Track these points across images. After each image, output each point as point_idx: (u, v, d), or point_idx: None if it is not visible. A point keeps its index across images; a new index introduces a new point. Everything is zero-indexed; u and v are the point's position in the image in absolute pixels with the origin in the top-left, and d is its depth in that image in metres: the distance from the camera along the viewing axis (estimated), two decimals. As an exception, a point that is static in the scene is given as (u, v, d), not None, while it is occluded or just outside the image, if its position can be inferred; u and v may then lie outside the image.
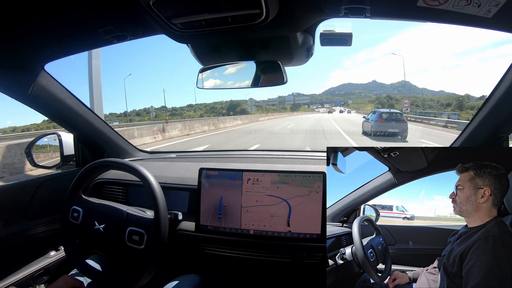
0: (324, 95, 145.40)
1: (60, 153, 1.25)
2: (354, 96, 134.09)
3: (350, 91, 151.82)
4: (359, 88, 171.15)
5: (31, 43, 0.82)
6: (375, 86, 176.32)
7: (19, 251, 1.06)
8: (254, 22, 0.67)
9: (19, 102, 1.00)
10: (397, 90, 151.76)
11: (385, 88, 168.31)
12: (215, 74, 0.93)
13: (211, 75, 0.93)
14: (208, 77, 0.93)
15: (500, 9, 0.56)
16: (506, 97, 0.79)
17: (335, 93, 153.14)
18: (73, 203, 0.94)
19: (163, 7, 0.63)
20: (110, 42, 0.84)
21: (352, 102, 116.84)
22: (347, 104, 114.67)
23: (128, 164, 0.90)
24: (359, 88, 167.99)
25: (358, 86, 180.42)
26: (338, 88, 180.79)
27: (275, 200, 0.90)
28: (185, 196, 1.10)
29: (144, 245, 0.84)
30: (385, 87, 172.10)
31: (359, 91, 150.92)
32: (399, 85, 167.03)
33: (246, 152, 1.48)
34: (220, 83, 0.93)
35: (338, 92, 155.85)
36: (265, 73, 0.87)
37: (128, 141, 1.46)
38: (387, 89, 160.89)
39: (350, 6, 0.64)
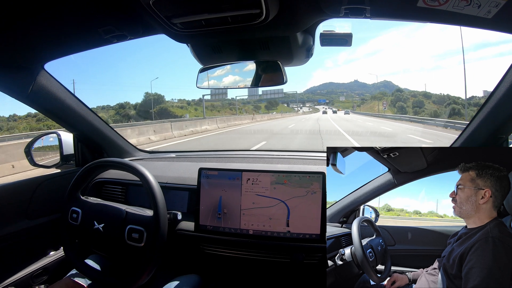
0: (306, 94, 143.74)
1: (60, 152, 1.25)
2: (336, 95, 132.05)
3: (332, 90, 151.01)
4: (341, 87, 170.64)
5: (31, 42, 0.82)
6: (357, 85, 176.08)
7: (18, 251, 1.06)
8: (254, 22, 0.67)
9: (19, 101, 1.00)
10: (379, 90, 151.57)
11: (367, 88, 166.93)
12: (215, 74, 0.93)
13: (211, 75, 0.93)
14: (208, 77, 0.93)
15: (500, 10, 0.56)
16: (506, 98, 0.79)
17: (316, 92, 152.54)
18: (72, 204, 0.94)
19: (163, 6, 0.63)
20: (110, 42, 0.84)
21: (344, 100, 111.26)
22: (332, 103, 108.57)
23: (126, 163, 0.91)
24: (341, 88, 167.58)
25: (340, 86, 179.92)
26: (320, 87, 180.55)
27: (272, 201, 0.90)
28: (185, 196, 1.10)
29: (144, 242, 0.84)
30: (367, 86, 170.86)
31: (341, 91, 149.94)
32: (381, 85, 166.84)
33: (246, 152, 1.48)
34: (219, 83, 0.93)
35: (319, 91, 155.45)
36: (265, 73, 0.87)
37: (127, 141, 1.46)
38: (369, 88, 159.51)
39: (350, 6, 0.64)
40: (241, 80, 0.90)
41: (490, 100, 0.84)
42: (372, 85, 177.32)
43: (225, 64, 0.91)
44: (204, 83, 0.94)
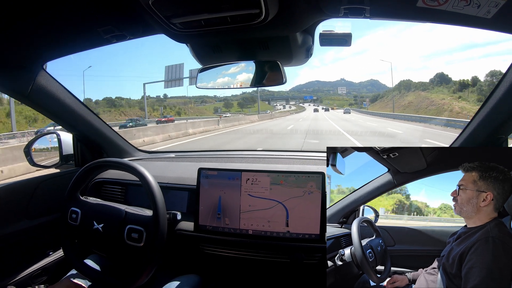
0: (291, 92, 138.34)
1: (59, 152, 1.25)
2: (322, 93, 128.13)
3: (318, 89, 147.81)
4: (327, 86, 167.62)
5: (31, 42, 0.82)
6: (343, 84, 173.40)
7: (18, 251, 1.05)
8: (254, 22, 0.67)
9: (19, 101, 1.00)
10: (366, 88, 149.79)
11: (353, 86, 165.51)
12: (215, 74, 0.93)
13: (211, 75, 0.93)
14: (208, 77, 0.93)
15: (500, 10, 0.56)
16: (505, 97, 0.79)
17: (302, 90, 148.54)
18: (71, 205, 0.94)
19: (162, 6, 0.63)
20: (110, 42, 0.84)
21: (334, 97, 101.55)
22: (320, 100, 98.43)
23: (125, 163, 0.91)
24: (328, 86, 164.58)
25: (327, 84, 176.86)
26: (306, 85, 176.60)
27: (270, 203, 0.90)
28: (184, 196, 1.09)
29: (143, 242, 0.84)
30: (354, 85, 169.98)
31: (327, 89, 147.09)
32: (368, 84, 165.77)
33: (245, 152, 1.48)
34: (219, 83, 0.93)
35: (305, 89, 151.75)
36: (265, 73, 0.87)
37: (127, 141, 1.46)
38: (355, 87, 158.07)
39: (350, 6, 0.64)
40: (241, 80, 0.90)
41: (490, 100, 0.84)
42: (359, 83, 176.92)
43: (225, 64, 0.91)
44: (203, 83, 0.94)
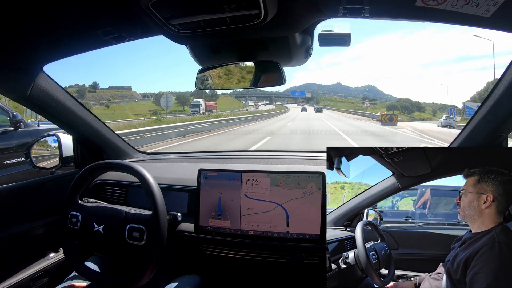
0: (285, 93, 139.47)
1: (59, 154, 1.25)
2: (317, 96, 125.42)
3: (313, 91, 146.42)
4: (323, 89, 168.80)
5: (29, 44, 0.82)
6: (339, 88, 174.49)
7: (18, 253, 1.06)
8: (253, 22, 0.66)
9: (18, 103, 1.00)
10: (363, 94, 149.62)
11: (350, 91, 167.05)
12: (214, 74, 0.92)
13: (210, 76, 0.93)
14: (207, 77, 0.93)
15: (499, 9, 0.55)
16: (505, 96, 0.78)
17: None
18: (71, 209, 0.94)
19: (161, 8, 0.62)
20: (109, 43, 0.84)
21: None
22: (316, 101, 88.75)
23: (125, 164, 0.90)
24: (323, 89, 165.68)
25: (322, 87, 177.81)
26: (301, 87, 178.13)
27: (270, 206, 0.90)
28: (184, 197, 1.09)
29: (144, 241, 0.84)
30: (350, 89, 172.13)
31: (323, 92, 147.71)
32: (365, 89, 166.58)
33: (245, 152, 1.47)
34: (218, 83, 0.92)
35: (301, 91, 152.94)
36: (264, 73, 0.87)
37: (127, 142, 1.46)
38: (352, 92, 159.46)
39: (349, 6, 0.64)
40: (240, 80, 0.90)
41: (489, 98, 0.83)
42: (355, 88, 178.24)
43: (224, 65, 0.90)
44: (203, 84, 0.94)
